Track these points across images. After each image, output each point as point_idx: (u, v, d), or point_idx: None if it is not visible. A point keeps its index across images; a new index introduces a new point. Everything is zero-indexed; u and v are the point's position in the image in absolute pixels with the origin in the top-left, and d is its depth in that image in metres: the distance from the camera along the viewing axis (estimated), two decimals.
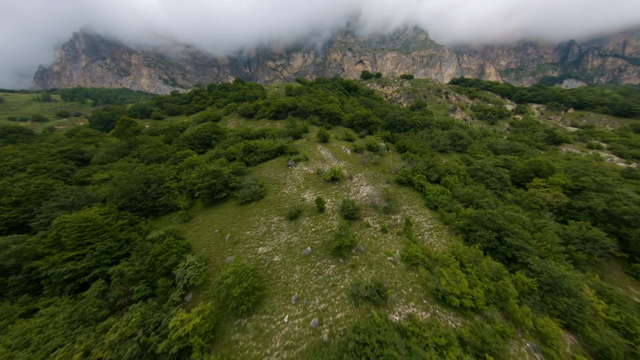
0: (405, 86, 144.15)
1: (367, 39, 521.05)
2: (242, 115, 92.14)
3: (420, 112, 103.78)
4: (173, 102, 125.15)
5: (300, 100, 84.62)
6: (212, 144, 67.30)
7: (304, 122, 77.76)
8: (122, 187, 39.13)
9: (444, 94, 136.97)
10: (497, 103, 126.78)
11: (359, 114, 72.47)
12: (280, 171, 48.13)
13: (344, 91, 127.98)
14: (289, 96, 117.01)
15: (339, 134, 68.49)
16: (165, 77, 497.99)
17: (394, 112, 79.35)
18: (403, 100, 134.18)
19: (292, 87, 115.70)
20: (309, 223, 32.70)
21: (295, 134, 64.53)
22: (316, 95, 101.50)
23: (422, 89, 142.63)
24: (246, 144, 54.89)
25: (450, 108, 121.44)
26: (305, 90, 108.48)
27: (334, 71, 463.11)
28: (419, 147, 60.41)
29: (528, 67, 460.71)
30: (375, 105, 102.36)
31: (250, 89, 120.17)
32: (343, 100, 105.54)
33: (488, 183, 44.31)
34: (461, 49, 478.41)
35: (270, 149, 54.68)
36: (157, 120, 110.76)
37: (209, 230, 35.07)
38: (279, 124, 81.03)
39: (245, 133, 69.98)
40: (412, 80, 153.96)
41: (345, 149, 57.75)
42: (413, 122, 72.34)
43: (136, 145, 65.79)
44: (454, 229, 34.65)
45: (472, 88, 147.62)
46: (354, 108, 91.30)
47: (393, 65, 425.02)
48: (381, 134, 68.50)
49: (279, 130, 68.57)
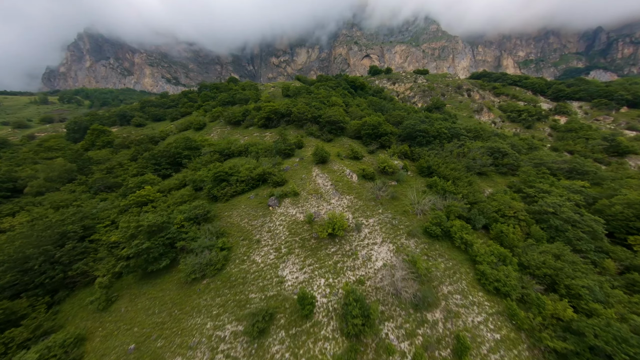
0: (419, 83, 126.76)
1: (374, 31, 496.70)
2: (228, 123, 78.29)
3: (442, 115, 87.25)
4: (158, 106, 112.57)
5: (296, 105, 69.86)
6: (184, 163, 53.74)
7: (299, 132, 63.23)
8: (9, 254, 25.83)
9: (466, 91, 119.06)
10: (530, 101, 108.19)
11: (368, 123, 57.29)
12: (257, 213, 33.98)
13: (349, 90, 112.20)
14: (286, 97, 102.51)
15: (342, 149, 53.68)
16: (168, 76, 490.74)
17: (412, 118, 63.65)
18: (418, 100, 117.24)
19: (290, 87, 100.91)
20: (282, 350, 18.31)
21: (286, 151, 50.12)
22: (316, 97, 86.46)
23: (439, 85, 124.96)
24: (217, 170, 40.88)
25: (474, 108, 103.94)
26: (304, 91, 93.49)
27: (339, 67, 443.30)
28: (450, 169, 44.94)
29: (549, 57, 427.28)
30: (386, 107, 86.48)
31: (243, 89, 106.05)
32: (348, 101, 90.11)
33: (570, 238, 28.79)
34: (475, 40, 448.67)
35: (248, 177, 40.54)
36: (138, 127, 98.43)
37: (125, 338, 21.40)
38: (269, 134, 66.82)
39: (225, 149, 56.12)
40: (428, 75, 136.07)
41: (351, 173, 42.99)
42: (438, 131, 56.62)
43: (89, 167, 53.01)
44: (541, 347, 19.74)
45: (497, 83, 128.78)
46: (360, 112, 76.04)
47: (402, 59, 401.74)
48: (397, 148, 53.21)
49: (266, 146, 54.30)
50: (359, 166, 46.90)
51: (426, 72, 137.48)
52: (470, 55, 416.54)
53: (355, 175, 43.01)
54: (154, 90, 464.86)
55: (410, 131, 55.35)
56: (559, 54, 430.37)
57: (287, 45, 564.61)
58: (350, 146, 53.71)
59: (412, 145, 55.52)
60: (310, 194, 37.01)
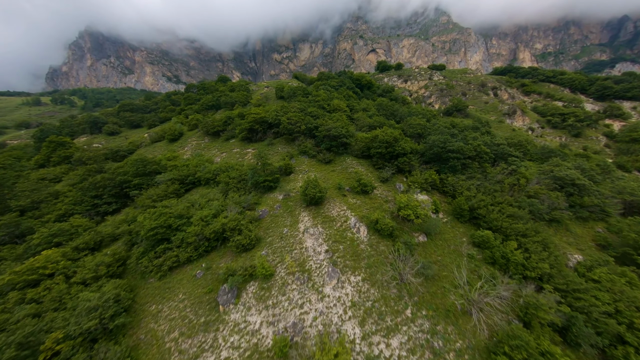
0: (435, 80, 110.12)
1: (380, 24, 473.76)
2: (206, 133, 64.42)
3: (471, 121, 71.40)
4: (136, 111, 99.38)
5: (288, 112, 55.35)
6: (134, 196, 40.07)
7: (290, 150, 48.84)
8: None
9: (491, 90, 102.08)
10: (571, 101, 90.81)
11: (380, 138, 42.50)
12: (197, 320, 19.95)
13: (354, 90, 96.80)
14: (280, 99, 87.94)
15: (344, 176, 39.19)
16: (169, 74, 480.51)
17: (439, 130, 48.39)
18: (434, 100, 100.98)
19: (284, 88, 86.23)
20: None
21: (265, 183, 35.85)
22: (314, 100, 71.60)
23: (458, 83, 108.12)
24: (156, 222, 26.90)
25: (504, 111, 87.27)
26: (299, 92, 78.69)
27: (344, 62, 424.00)
28: (507, 215, 29.92)
29: (570, 49, 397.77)
30: (400, 112, 71.07)
31: (231, 90, 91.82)
32: (353, 105, 74.98)
33: None
34: (489, 32, 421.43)
35: (199, 234, 26.45)
36: (111, 136, 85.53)
37: None
38: (251, 150, 52.71)
39: (188, 175, 42.22)
40: (445, 71, 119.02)
41: (357, 224, 28.58)
42: (476, 150, 41.34)
43: (5, 201, 39.81)
44: None
45: (527, 80, 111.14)
46: (369, 119, 61.11)
47: (410, 53, 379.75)
48: (421, 176, 38.33)
49: (243, 171, 40.10)
50: (370, 205, 32.48)
51: (442, 67, 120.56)
52: (484, 48, 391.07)
53: (364, 227, 28.52)
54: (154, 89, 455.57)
55: (439, 151, 40.28)
56: (580, 45, 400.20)
57: (289, 41, 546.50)
58: (356, 172, 39.13)
59: (442, 169, 40.50)
60: (291, 272, 22.72)
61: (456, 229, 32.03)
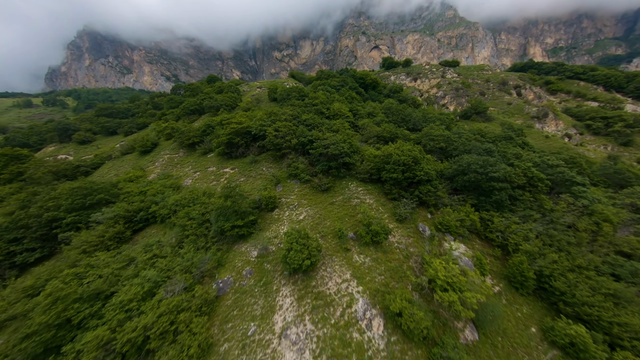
0: (449, 78, 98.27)
1: (383, 20, 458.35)
2: (181, 145, 54.05)
3: (500, 128, 60.20)
4: (113, 116, 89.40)
5: (278, 119, 44.80)
6: (66, 239, 29.83)
7: (276, 172, 38.17)
8: None
9: (514, 89, 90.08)
10: (609, 102, 78.67)
11: (395, 159, 31.73)
12: None
13: (358, 90, 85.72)
14: (273, 101, 77.35)
15: (346, 212, 28.61)
16: (168, 74, 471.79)
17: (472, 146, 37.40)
18: (449, 101, 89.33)
19: (277, 89, 75.52)
20: None
21: (235, 231, 25.23)
22: (311, 103, 60.86)
23: (475, 81, 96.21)
24: (40, 323, 16.57)
25: (532, 113, 75.44)
26: (294, 94, 67.92)
27: (346, 59, 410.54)
28: (606, 302, 19.09)
29: (583, 44, 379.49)
30: (413, 117, 59.96)
31: (219, 91, 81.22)
32: (356, 109, 64.06)
33: None
34: (497, 26, 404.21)
35: (104, 345, 15.98)
36: (82, 145, 75.64)
37: None
38: (230, 170, 42.28)
39: (144, 207, 31.93)
40: (459, 68, 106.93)
41: (367, 312, 17.91)
42: (527, 174, 30.24)
43: None
44: None
45: (552, 77, 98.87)
46: (376, 128, 50.35)
47: (415, 49, 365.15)
48: (455, 215, 27.42)
49: (209, 207, 29.54)
50: (385, 267, 21.85)
51: (456, 63, 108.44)
52: (492, 43, 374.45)
53: (380, 319, 17.85)
54: (153, 88, 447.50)
55: (477, 178, 29.26)
56: (593, 39, 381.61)
57: (290, 38, 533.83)
58: (363, 207, 28.41)
59: (481, 203, 29.53)
60: None
61: (515, 306, 21.22)
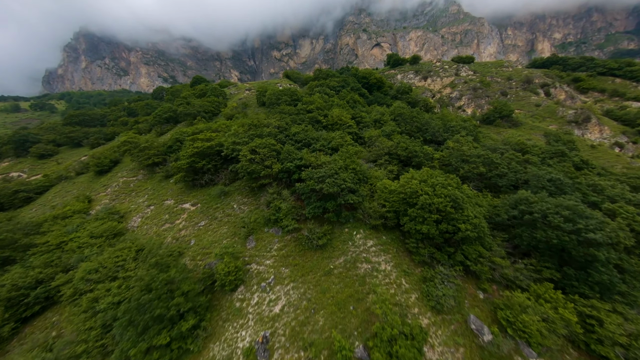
0: (464, 76, 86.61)
1: (384, 17, 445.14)
2: (140, 165, 43.19)
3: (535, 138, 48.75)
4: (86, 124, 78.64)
5: (258, 133, 33.74)
6: None
7: (250, 215, 26.96)
8: None
9: (540, 88, 78.26)
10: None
11: (423, 201, 20.31)
12: None
13: (361, 92, 74.40)
14: (262, 106, 66.47)
15: (352, 293, 17.14)
16: (165, 75, 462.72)
17: (526, 175, 26.12)
18: (466, 102, 77.70)
19: (267, 91, 64.52)
20: None
21: (159, 357, 14.31)
22: (305, 109, 49.78)
23: (495, 79, 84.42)
24: None
25: (567, 116, 63.72)
26: (284, 98, 56.84)
27: (346, 58, 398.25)
28: None
29: (593, 38, 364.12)
30: (431, 125, 48.58)
31: (200, 96, 70.20)
32: (360, 115, 52.82)
33: None
34: (503, 22, 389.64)
35: None
36: (41, 159, 65.01)
37: None
38: (191, 205, 31.29)
39: (34, 282, 21.02)
40: (474, 65, 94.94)
41: None
42: (632, 226, 18.86)
43: None
44: None
45: (582, 73, 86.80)
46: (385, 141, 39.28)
47: (418, 46, 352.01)
48: (534, 308, 15.98)
49: (134, 292, 18.43)
50: None
51: (471, 59, 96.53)
52: (498, 39, 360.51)
53: None
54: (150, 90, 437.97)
55: (560, 239, 17.84)
56: (604, 34, 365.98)
57: (289, 37, 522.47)
58: (375, 284, 17.13)
59: (568, 276, 18.17)
60: None
61: None
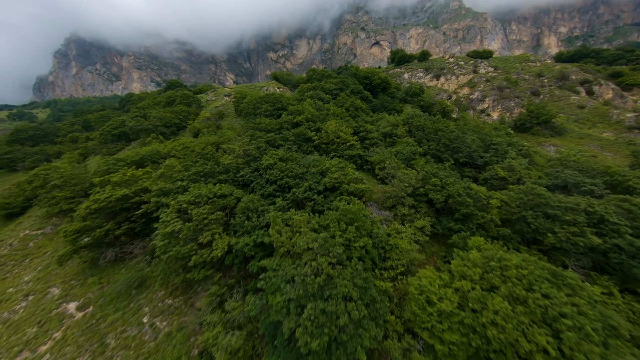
0: (483, 73, 73.16)
1: (382, 14, 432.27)
2: (49, 211, 29.27)
3: (606, 160, 35.03)
4: (35, 139, 65.06)
5: (206, 172, 19.73)
6: None
7: (176, 335, 13.48)
8: None
9: (580, 85, 64.64)
10: None
11: None
12: None
13: (363, 94, 60.95)
14: (239, 117, 53.06)
15: None
16: (158, 79, 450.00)
17: None
18: (490, 105, 64.17)
19: (246, 97, 50.99)
20: None
21: None
22: (290, 122, 36.18)
23: (522, 76, 70.85)
24: None
25: (626, 121, 50.13)
26: (265, 107, 43.22)
27: (344, 58, 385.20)
28: None
29: (600, 32, 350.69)
30: (466, 141, 34.82)
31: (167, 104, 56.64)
32: (364, 128, 39.15)
33: None
34: (506, 17, 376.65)
35: None
36: None
37: None
38: (76, 313, 17.24)
39: None
40: (493, 60, 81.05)
41: None
42: None
43: None
44: None
45: (622, 67, 73.18)
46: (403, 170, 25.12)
47: (419, 44, 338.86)
48: None
49: None
50: None
51: (489, 53, 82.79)
52: (502, 35, 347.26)
53: None
54: None
55: None
56: (611, 26, 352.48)
57: (285, 38, 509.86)
58: None
59: None
60: None
61: None
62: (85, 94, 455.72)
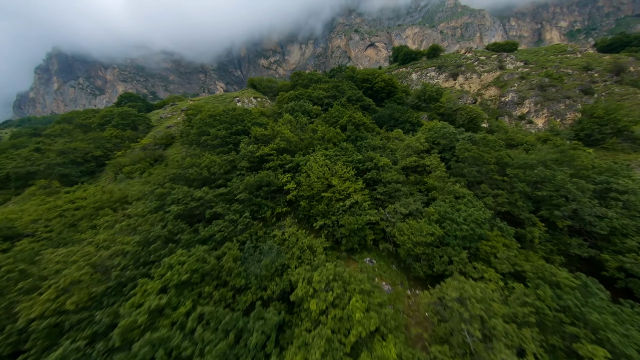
0: (513, 68, 58.18)
1: (376, 16, 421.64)
2: None
3: None
4: None
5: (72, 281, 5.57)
6: None
7: None
8: None
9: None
10: None
11: None
12: None
13: (364, 102, 45.36)
14: (186, 144, 36.77)
15: None
16: (145, 92, 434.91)
17: None
18: (532, 109, 48.77)
19: (202, 110, 35.05)
20: None
21: None
22: (252, 158, 19.42)
23: (562, 70, 55.73)
24: None
25: None
26: (215, 130, 26.73)
27: (338, 61, 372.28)
28: None
29: (602, 25, 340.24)
30: (556, 180, 18.67)
31: (100, 124, 40.87)
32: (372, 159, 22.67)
33: None
34: (503, 13, 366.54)
35: None
36: None
37: None
38: None
39: None
40: (521, 52, 66.03)
41: None
42: None
43: None
44: None
45: None
46: (475, 286, 8.89)
47: (416, 44, 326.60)
48: None
49: None
50: None
51: (514, 46, 67.62)
52: (502, 31, 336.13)
53: None
54: None
55: None
56: (613, 18, 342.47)
57: (276, 44, 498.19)
58: None
59: None
60: None
61: None
62: (67, 109, 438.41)
